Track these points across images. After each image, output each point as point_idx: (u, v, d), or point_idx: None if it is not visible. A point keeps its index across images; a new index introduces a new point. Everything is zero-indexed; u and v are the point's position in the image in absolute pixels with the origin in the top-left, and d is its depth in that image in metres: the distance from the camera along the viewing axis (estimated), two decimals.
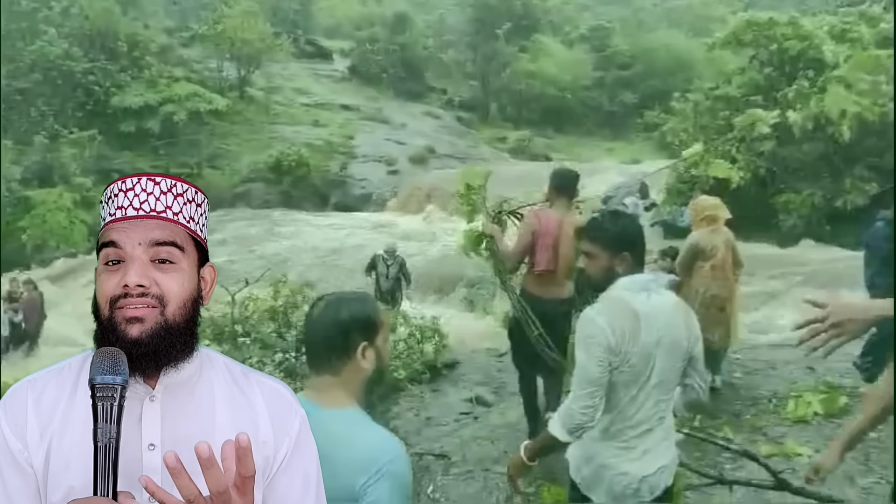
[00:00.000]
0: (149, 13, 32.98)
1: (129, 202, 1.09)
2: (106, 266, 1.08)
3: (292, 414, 1.20)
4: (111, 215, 1.10)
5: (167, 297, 1.07)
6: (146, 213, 1.08)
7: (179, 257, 1.09)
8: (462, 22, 36.38)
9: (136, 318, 1.05)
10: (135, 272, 1.05)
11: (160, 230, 1.08)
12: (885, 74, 14.71)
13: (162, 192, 1.10)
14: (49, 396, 1.09)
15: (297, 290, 8.36)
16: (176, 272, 1.09)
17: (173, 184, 1.12)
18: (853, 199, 15.21)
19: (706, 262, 5.47)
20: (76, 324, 13.49)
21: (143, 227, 1.08)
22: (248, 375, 1.21)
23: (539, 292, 4.76)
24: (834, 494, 3.79)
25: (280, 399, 1.20)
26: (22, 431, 1.06)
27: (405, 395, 6.87)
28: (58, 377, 1.12)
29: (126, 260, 1.07)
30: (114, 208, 1.09)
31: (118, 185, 1.11)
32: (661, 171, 14.79)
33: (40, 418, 1.07)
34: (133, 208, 1.08)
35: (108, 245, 1.08)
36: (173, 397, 1.10)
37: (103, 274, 1.08)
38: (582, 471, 2.50)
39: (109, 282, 1.07)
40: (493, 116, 34.90)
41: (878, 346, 5.29)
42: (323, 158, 26.14)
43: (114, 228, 1.09)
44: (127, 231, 1.08)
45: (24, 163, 21.43)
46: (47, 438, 1.06)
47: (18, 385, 1.12)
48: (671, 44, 34.82)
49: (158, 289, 1.07)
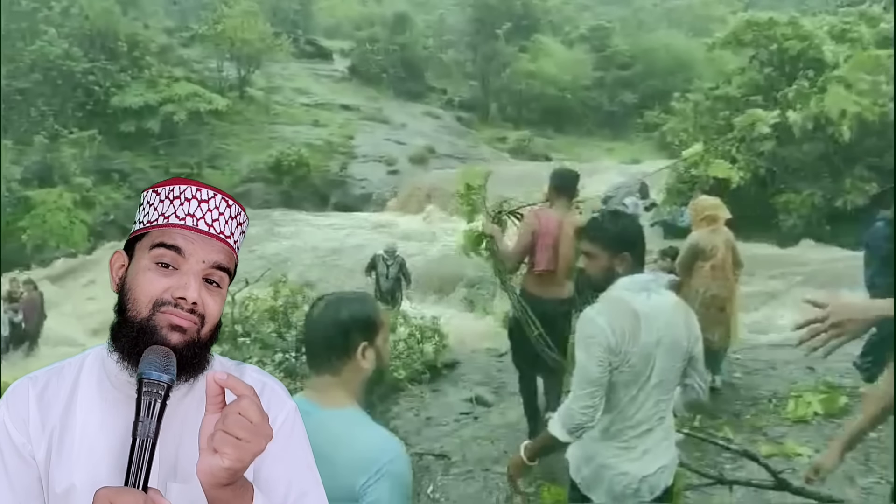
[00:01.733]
0: (149, 13, 32.95)
1: (202, 214, 1.11)
2: (157, 266, 1.09)
3: (279, 405, 1.20)
4: (178, 217, 1.10)
5: (207, 318, 1.10)
6: (216, 234, 1.11)
7: (226, 283, 1.13)
8: (462, 22, 36.37)
9: (179, 327, 1.06)
10: (194, 289, 1.07)
11: (223, 255, 1.12)
12: (885, 74, 14.71)
13: (231, 217, 1.14)
14: (50, 393, 1.10)
15: (297, 290, 8.37)
16: (219, 296, 1.12)
17: (239, 211, 1.16)
18: (853, 199, 15.21)
19: (706, 262, 5.47)
20: (76, 324, 13.52)
21: (211, 246, 1.10)
22: (242, 370, 1.22)
23: (539, 292, 4.76)
24: (834, 494, 3.79)
25: (269, 391, 1.20)
26: (25, 426, 1.08)
27: (405, 395, 6.87)
28: (58, 375, 1.13)
29: (183, 271, 1.08)
30: (183, 213, 1.10)
31: (192, 189, 1.12)
32: (661, 171, 14.79)
33: (42, 413, 1.09)
34: (206, 223, 1.11)
35: (169, 247, 1.09)
36: (179, 396, 1.11)
37: (151, 272, 1.09)
38: (582, 471, 2.50)
39: (158, 283, 1.08)
40: (493, 116, 34.88)
41: (878, 346, 5.29)
42: (323, 158, 26.13)
43: (181, 234, 1.09)
44: (196, 244, 1.09)
45: (24, 163, 21.43)
46: (48, 433, 1.08)
47: (20, 381, 1.13)
48: (671, 44, 34.80)
49: (203, 309, 1.09)
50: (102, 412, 1.08)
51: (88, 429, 1.08)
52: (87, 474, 1.00)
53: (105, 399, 1.09)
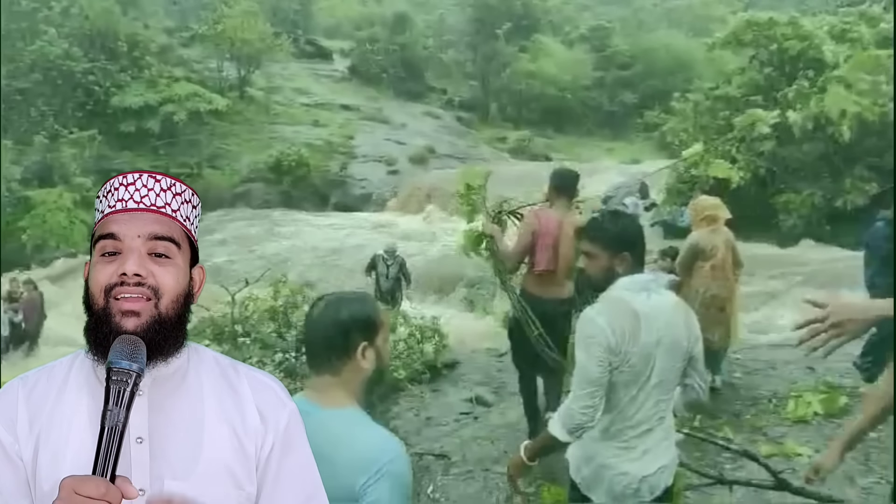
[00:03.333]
0: (149, 13, 32.96)
1: (129, 195, 1.11)
2: (102, 257, 1.09)
3: (280, 406, 1.20)
4: (111, 207, 1.11)
5: (162, 290, 1.09)
6: (146, 207, 1.11)
7: (175, 253, 1.12)
8: (462, 22, 36.37)
9: (132, 311, 1.06)
10: (133, 261, 1.07)
11: (159, 225, 1.11)
12: (885, 74, 14.72)
13: (162, 190, 1.13)
14: (39, 393, 1.11)
15: (297, 290, 8.36)
16: (171, 266, 1.11)
17: (172, 183, 1.15)
18: (853, 199, 15.21)
19: (706, 262, 5.47)
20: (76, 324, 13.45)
21: (143, 220, 1.10)
22: (237, 368, 1.22)
23: (539, 292, 4.76)
24: (834, 494, 3.79)
25: (268, 390, 1.20)
26: (13, 425, 1.08)
27: (405, 395, 6.87)
28: (49, 374, 1.14)
29: (124, 251, 1.08)
30: (113, 201, 1.11)
31: (119, 179, 1.13)
32: (661, 171, 14.79)
33: (31, 413, 1.09)
34: (134, 201, 1.11)
35: (106, 237, 1.09)
36: (160, 390, 1.11)
37: (98, 264, 1.09)
38: (582, 471, 2.50)
39: (105, 270, 1.08)
40: (493, 116, 34.89)
41: (878, 346, 5.29)
42: (323, 158, 26.14)
43: (113, 220, 1.10)
44: (127, 223, 1.09)
45: (24, 163, 21.44)
46: (35, 432, 1.08)
47: (10, 382, 1.14)
48: (671, 44, 34.82)
49: (154, 280, 1.08)
50: (90, 409, 1.08)
51: (75, 426, 1.08)
52: (74, 471, 1.00)
53: (93, 396, 1.09)
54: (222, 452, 1.12)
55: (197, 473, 1.09)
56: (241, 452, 1.14)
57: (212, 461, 1.11)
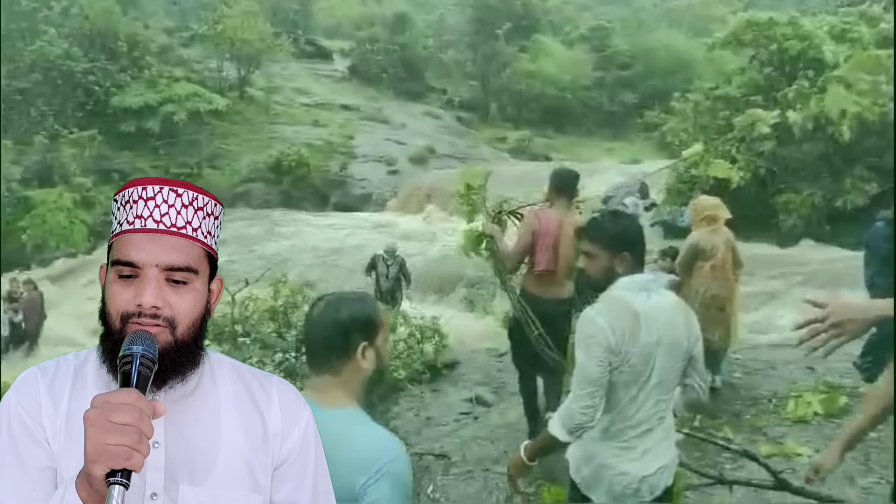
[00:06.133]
0: (149, 13, 32.96)
1: (149, 213, 1.08)
2: (119, 279, 1.08)
3: (301, 406, 1.22)
4: (129, 223, 1.09)
5: (178, 319, 1.08)
6: (166, 229, 1.08)
7: (193, 279, 1.10)
8: (462, 22, 36.36)
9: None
10: (150, 294, 1.05)
11: (177, 253, 1.08)
12: (885, 74, 14.71)
13: (183, 206, 1.10)
14: (59, 383, 1.11)
15: (297, 290, 8.37)
16: (189, 293, 1.09)
17: (195, 196, 1.11)
18: (853, 199, 15.20)
19: (706, 262, 5.47)
20: (76, 324, 13.50)
21: (161, 245, 1.07)
22: (255, 373, 1.23)
23: (539, 292, 4.76)
24: (834, 494, 3.79)
25: (290, 392, 1.22)
26: (38, 412, 1.08)
27: (405, 395, 6.87)
28: (66, 365, 1.14)
29: (141, 277, 1.07)
30: (132, 216, 1.09)
31: (138, 190, 1.10)
32: (661, 171, 14.79)
33: (54, 401, 1.09)
34: (153, 220, 1.08)
35: (125, 263, 1.07)
36: (176, 395, 1.11)
37: (115, 285, 1.08)
38: (582, 471, 2.50)
39: (122, 295, 1.07)
40: (493, 116, 34.86)
41: (878, 346, 5.28)
42: (323, 158, 26.12)
43: (132, 243, 1.08)
44: (145, 249, 1.07)
45: (24, 163, 21.44)
46: (59, 420, 1.08)
47: (29, 371, 1.14)
48: (671, 44, 34.78)
49: (170, 311, 1.07)
50: None
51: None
52: None
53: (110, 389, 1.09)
54: (238, 457, 1.12)
55: (213, 478, 1.10)
56: (257, 457, 1.14)
57: (228, 466, 1.11)
